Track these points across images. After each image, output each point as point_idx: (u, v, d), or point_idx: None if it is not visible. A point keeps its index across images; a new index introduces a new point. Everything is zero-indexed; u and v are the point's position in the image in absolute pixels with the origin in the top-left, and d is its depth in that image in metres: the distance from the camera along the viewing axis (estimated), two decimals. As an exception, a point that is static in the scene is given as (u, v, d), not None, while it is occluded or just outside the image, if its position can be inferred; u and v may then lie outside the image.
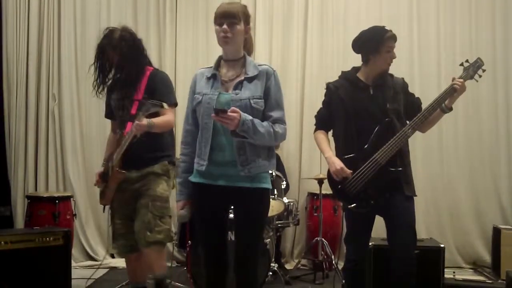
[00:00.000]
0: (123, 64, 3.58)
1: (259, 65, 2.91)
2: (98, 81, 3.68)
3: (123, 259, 5.79)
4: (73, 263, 3.29)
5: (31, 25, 6.19)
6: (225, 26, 2.79)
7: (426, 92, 5.64)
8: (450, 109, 3.39)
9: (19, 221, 5.92)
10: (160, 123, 3.46)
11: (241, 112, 2.65)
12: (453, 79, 3.35)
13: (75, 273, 3.56)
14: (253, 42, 3.06)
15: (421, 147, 5.84)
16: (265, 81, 2.86)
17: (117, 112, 3.70)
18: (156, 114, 3.42)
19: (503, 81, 6.02)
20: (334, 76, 3.65)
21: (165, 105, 3.22)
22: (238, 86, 2.83)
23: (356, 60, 3.56)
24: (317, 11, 6.25)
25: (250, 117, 2.70)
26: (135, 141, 3.43)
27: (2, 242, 3.97)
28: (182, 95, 5.97)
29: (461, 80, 3.31)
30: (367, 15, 6.08)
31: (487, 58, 4.22)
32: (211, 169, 2.81)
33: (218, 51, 2.98)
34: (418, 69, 6.07)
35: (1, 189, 6.10)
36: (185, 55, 6.32)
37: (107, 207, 3.80)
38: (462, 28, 6.11)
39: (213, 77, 2.87)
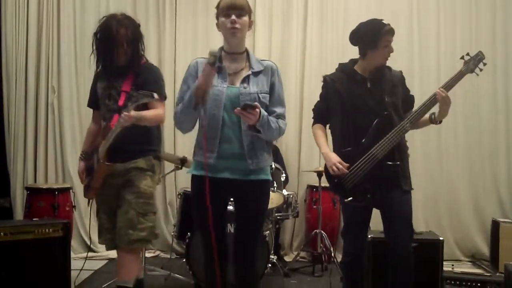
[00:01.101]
0: (127, 53, 3.40)
1: (262, 60, 2.96)
2: (101, 70, 3.53)
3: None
4: (72, 255, 3.28)
5: (30, 17, 6.18)
6: (233, 17, 2.80)
7: (425, 86, 5.66)
8: (440, 122, 3.40)
9: (19, 213, 5.93)
10: (149, 116, 3.35)
11: (260, 108, 2.68)
12: (438, 89, 3.30)
13: (74, 264, 3.55)
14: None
15: (420, 141, 5.84)
16: (270, 76, 2.91)
17: (103, 102, 3.51)
18: (145, 107, 3.33)
19: (502, 76, 6.02)
20: (333, 70, 3.64)
21: (155, 95, 3.09)
22: (245, 80, 2.86)
23: (355, 54, 3.55)
24: (316, 5, 6.24)
25: (265, 113, 2.75)
26: (121, 133, 3.27)
27: (2, 234, 3.97)
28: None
29: (443, 90, 3.26)
30: (367, 9, 6.06)
31: (487, 53, 4.17)
32: (216, 161, 2.81)
33: (217, 43, 2.98)
34: (418, 64, 6.07)
35: (0, 181, 6.10)
36: (184, 48, 6.31)
37: (91, 201, 3.71)
38: (462, 22, 6.10)
39: (218, 69, 2.84)
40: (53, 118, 6.18)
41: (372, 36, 3.35)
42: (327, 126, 3.61)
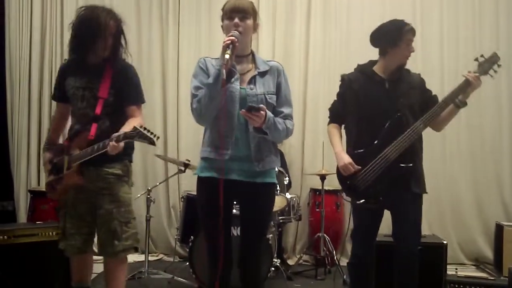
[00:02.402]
0: (110, 49, 3.21)
1: (267, 61, 2.96)
2: (72, 65, 3.30)
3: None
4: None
5: (34, 21, 6.22)
6: (236, 20, 2.80)
7: (428, 86, 5.64)
8: (465, 103, 3.36)
9: (22, 216, 5.94)
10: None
11: (266, 110, 2.68)
12: (468, 73, 3.30)
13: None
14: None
15: (424, 144, 5.81)
16: (276, 77, 2.92)
17: (74, 102, 3.28)
18: (122, 113, 3.23)
19: (506, 77, 6.00)
20: (337, 71, 3.64)
21: (155, 141, 2.96)
22: (252, 81, 2.85)
23: (360, 55, 3.55)
24: (320, 5, 6.25)
25: (272, 114, 2.74)
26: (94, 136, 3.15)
27: (5, 237, 3.98)
28: (185, 89, 6.03)
29: (476, 74, 3.26)
30: (370, 8, 6.07)
31: (491, 51, 4.19)
32: (225, 162, 2.79)
33: (220, 45, 2.97)
34: (421, 65, 6.04)
35: (4, 184, 6.12)
36: (187, 50, 6.32)
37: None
38: (465, 23, 6.09)
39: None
40: (57, 121, 6.18)
41: (393, 34, 3.36)
42: (342, 126, 3.61)
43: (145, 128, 2.94)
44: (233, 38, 2.67)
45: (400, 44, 3.36)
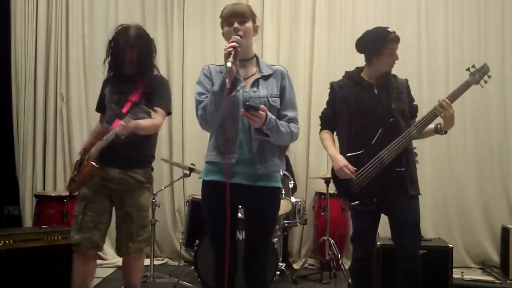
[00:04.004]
0: (137, 64, 3.50)
1: (272, 65, 2.97)
2: (109, 77, 3.66)
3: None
4: None
5: (39, 25, 6.22)
6: (236, 25, 2.81)
7: (434, 90, 5.64)
8: (445, 132, 3.39)
9: (28, 220, 5.95)
10: (147, 125, 3.42)
11: (267, 111, 2.67)
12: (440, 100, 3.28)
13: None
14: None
15: (429, 147, 5.82)
16: (280, 80, 2.91)
17: (109, 105, 3.60)
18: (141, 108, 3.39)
19: (511, 79, 5.99)
20: (342, 74, 3.65)
21: (152, 114, 3.27)
22: (255, 84, 2.86)
23: (363, 62, 3.55)
24: (324, 8, 6.24)
25: (274, 116, 2.74)
26: (122, 140, 3.35)
27: (11, 241, 4.00)
28: (190, 94, 6.04)
29: (445, 101, 3.24)
30: (375, 12, 6.07)
31: (496, 57, 4.20)
32: (230, 166, 2.80)
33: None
34: (426, 67, 6.05)
35: (9, 188, 6.13)
36: (192, 54, 6.32)
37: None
38: (470, 26, 6.08)
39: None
40: (62, 126, 6.20)
41: (376, 44, 3.38)
42: (335, 133, 3.61)
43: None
44: (234, 44, 2.67)
45: (383, 53, 3.38)
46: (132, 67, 3.50)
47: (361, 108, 3.39)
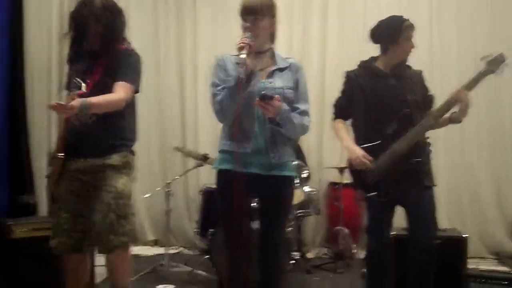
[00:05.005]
0: (105, 37, 3.07)
1: (286, 58, 2.97)
2: (72, 54, 3.19)
3: (146, 247, 5.82)
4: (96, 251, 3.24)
5: (53, 16, 6.23)
6: (248, 24, 2.80)
7: (446, 83, 5.58)
8: (459, 121, 3.35)
9: (43, 209, 5.99)
10: (101, 102, 2.94)
11: (281, 101, 2.67)
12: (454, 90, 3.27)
13: (98, 260, 3.57)
14: (275, 31, 3.02)
15: (442, 136, 5.77)
16: (294, 73, 2.92)
17: (73, 89, 3.13)
18: (108, 90, 3.01)
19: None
20: (354, 66, 3.63)
21: (83, 86, 2.88)
22: (271, 75, 2.86)
23: (377, 50, 3.53)
24: (337, 2, 6.22)
25: (287, 107, 2.74)
26: (89, 124, 3.02)
27: (26, 229, 4.02)
28: (203, 83, 6.04)
29: (461, 90, 3.22)
30: (388, 4, 6.01)
31: (509, 46, 4.12)
32: (244, 155, 2.80)
33: (238, 36, 2.97)
34: (439, 59, 5.98)
35: (24, 178, 6.17)
36: (204, 43, 6.32)
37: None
38: (483, 17, 6.00)
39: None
40: (75, 116, 6.22)
41: (392, 31, 3.37)
42: (348, 122, 3.60)
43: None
44: (245, 40, 2.67)
45: (399, 41, 3.36)
46: (96, 42, 3.08)
47: (377, 98, 3.37)
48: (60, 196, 3.14)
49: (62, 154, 3.10)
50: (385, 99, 3.36)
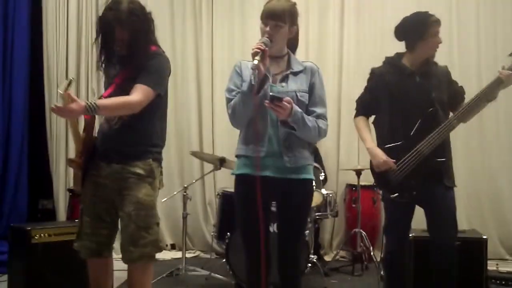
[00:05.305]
0: (131, 43, 2.92)
1: (303, 61, 2.96)
2: (102, 59, 3.04)
3: (164, 251, 5.83)
4: (114, 255, 3.23)
5: (70, 23, 6.27)
6: (268, 29, 2.78)
7: (465, 81, 5.50)
8: (494, 98, 3.32)
9: (62, 214, 6.05)
10: (111, 104, 2.86)
11: (293, 103, 2.66)
12: (500, 70, 3.26)
13: (116, 265, 3.57)
14: (298, 38, 3.03)
15: (462, 137, 5.72)
16: (310, 77, 2.90)
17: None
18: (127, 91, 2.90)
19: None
20: (371, 66, 3.61)
21: (72, 81, 2.73)
22: (284, 79, 2.86)
23: (394, 49, 3.51)
24: (353, 2, 6.20)
25: (300, 110, 2.73)
26: (114, 128, 2.95)
27: (46, 235, 4.05)
28: (220, 87, 6.06)
29: (509, 72, 3.21)
30: (405, 2, 5.97)
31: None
32: (260, 159, 2.79)
33: (254, 42, 2.96)
34: (458, 60, 5.93)
35: (44, 183, 6.24)
36: (221, 47, 6.35)
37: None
38: (503, 18, 5.93)
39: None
40: (94, 121, 6.27)
41: (419, 27, 3.33)
42: (370, 120, 3.58)
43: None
44: (260, 46, 2.66)
45: (426, 37, 3.33)
46: (123, 47, 2.95)
47: (403, 96, 3.34)
48: (84, 199, 3.08)
49: (81, 157, 3.02)
50: (411, 97, 3.33)
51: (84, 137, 3.05)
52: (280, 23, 2.80)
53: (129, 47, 2.93)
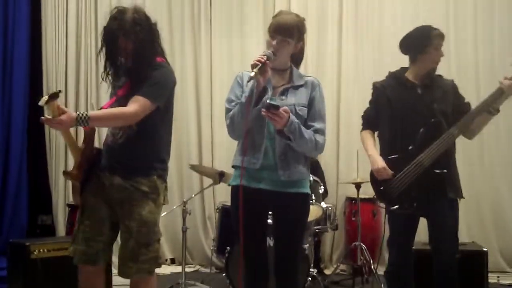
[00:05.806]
0: (135, 53, 2.89)
1: (305, 75, 2.97)
2: (107, 70, 2.98)
3: (163, 265, 5.80)
4: (114, 270, 3.20)
5: (69, 30, 6.32)
6: (274, 43, 2.79)
7: (463, 89, 5.53)
8: (497, 111, 3.32)
9: (61, 229, 6.03)
10: (104, 115, 2.85)
11: (290, 113, 2.66)
12: (503, 79, 3.26)
13: (116, 280, 3.55)
14: (303, 53, 3.05)
15: (461, 146, 5.63)
16: (310, 91, 2.90)
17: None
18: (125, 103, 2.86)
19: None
20: (370, 79, 3.64)
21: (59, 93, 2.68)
22: (284, 92, 2.86)
23: (393, 63, 3.54)
24: (351, 13, 6.20)
25: (297, 121, 2.72)
26: (118, 143, 2.93)
27: (45, 250, 4.05)
28: (219, 98, 6.06)
29: (509, 81, 3.22)
30: (403, 15, 6.00)
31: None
32: (255, 171, 2.81)
33: (253, 55, 2.98)
34: (455, 69, 5.92)
35: (43, 198, 6.23)
36: (220, 61, 6.37)
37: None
38: (501, 23, 5.94)
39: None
40: (93, 135, 6.28)
41: (422, 41, 3.39)
42: (376, 133, 3.62)
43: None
44: (261, 59, 2.65)
45: (429, 50, 3.37)
46: (128, 58, 2.92)
47: (404, 108, 3.38)
48: (85, 201, 3.02)
49: (79, 168, 2.97)
50: (411, 110, 3.36)
51: (84, 149, 3.04)
52: (288, 38, 2.81)
53: (133, 57, 2.90)
